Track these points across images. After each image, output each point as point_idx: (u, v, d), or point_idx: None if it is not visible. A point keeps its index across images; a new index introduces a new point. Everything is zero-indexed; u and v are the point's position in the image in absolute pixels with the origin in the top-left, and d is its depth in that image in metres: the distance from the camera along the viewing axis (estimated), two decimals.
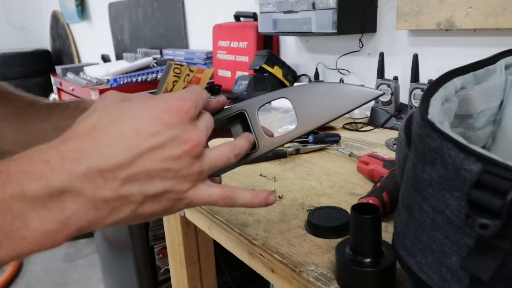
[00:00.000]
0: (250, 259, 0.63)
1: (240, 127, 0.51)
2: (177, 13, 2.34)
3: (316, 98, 0.48)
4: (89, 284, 2.29)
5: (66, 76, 2.34)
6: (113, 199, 0.33)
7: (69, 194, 0.31)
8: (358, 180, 0.76)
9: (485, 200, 0.27)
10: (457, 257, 0.31)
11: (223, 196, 0.40)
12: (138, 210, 0.35)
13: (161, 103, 0.36)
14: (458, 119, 0.48)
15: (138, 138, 0.33)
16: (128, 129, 0.33)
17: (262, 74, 1.47)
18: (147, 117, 0.34)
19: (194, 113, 0.37)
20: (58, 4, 3.88)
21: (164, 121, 0.35)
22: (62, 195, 0.31)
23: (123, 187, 0.33)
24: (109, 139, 0.33)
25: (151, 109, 0.35)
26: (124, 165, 0.33)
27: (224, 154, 0.40)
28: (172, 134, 0.35)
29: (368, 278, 0.45)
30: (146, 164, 0.34)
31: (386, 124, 1.12)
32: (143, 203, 0.35)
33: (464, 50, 1.08)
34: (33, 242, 0.30)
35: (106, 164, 0.32)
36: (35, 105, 0.62)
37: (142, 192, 0.34)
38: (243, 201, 0.41)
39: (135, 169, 0.33)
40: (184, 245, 0.94)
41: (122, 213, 0.34)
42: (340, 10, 1.18)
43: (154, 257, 1.44)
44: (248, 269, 0.67)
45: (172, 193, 0.36)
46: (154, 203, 0.35)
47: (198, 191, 0.38)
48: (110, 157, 0.32)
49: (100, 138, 0.33)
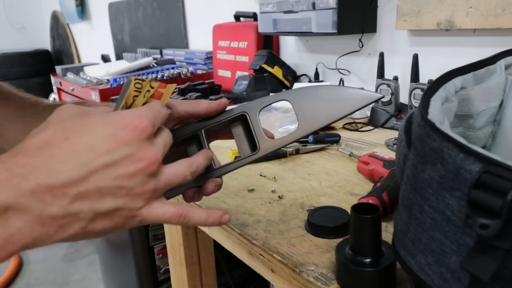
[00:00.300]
0: (250, 259, 0.63)
1: (241, 129, 0.51)
2: (177, 13, 2.34)
3: (316, 101, 0.48)
4: (89, 284, 2.29)
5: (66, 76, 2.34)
6: (61, 216, 0.32)
7: (14, 211, 0.30)
8: (358, 180, 0.76)
9: (485, 200, 0.27)
10: (457, 257, 0.31)
11: (176, 215, 0.39)
12: (88, 227, 0.34)
13: (117, 120, 0.35)
14: (458, 119, 0.48)
15: (92, 155, 0.33)
16: (82, 146, 0.33)
17: (262, 74, 1.47)
18: (102, 133, 0.34)
19: (151, 131, 0.36)
20: (58, 4, 3.88)
21: (119, 138, 0.34)
22: (7, 211, 0.30)
23: (73, 204, 0.32)
24: (61, 155, 0.32)
25: (107, 126, 0.34)
26: (75, 182, 0.32)
27: (180, 171, 0.39)
28: (126, 152, 0.34)
29: (368, 278, 0.45)
30: (98, 181, 0.33)
31: (386, 124, 1.12)
32: (93, 220, 0.34)
33: (464, 50, 1.08)
34: None
35: (56, 181, 0.31)
36: (38, 106, 0.62)
37: (93, 209, 0.33)
38: (196, 220, 0.41)
39: (86, 186, 0.33)
40: (184, 245, 0.94)
41: (71, 230, 0.33)
42: (340, 10, 1.18)
43: (154, 257, 1.44)
44: (248, 269, 0.67)
45: (125, 211, 0.35)
46: (105, 220, 0.35)
47: (152, 209, 0.37)
48: (61, 173, 0.32)
49: (53, 154, 0.32)
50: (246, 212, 0.66)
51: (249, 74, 1.52)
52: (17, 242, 0.31)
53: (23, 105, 0.62)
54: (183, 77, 1.90)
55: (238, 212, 0.66)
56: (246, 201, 0.70)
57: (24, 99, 0.64)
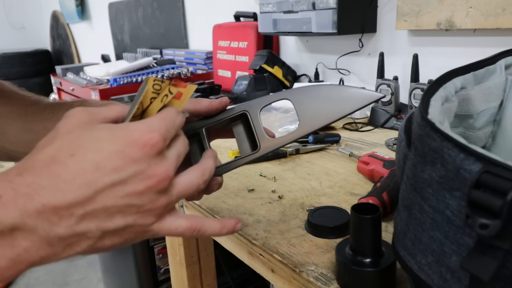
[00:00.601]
0: (250, 259, 0.63)
1: (242, 127, 0.51)
2: (177, 13, 2.34)
3: (317, 100, 0.48)
4: (89, 284, 2.29)
5: (66, 76, 2.34)
6: (68, 236, 0.32)
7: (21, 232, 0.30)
8: (358, 180, 0.76)
9: (485, 200, 0.27)
10: (457, 257, 0.31)
11: (190, 229, 0.38)
12: (96, 244, 0.33)
13: (125, 134, 0.33)
14: (458, 119, 0.48)
15: (98, 174, 0.32)
16: (87, 164, 0.32)
17: (262, 74, 1.47)
18: (109, 150, 0.32)
19: (162, 146, 0.34)
20: (58, 4, 3.88)
21: (127, 155, 0.32)
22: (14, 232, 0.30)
23: (80, 224, 0.32)
24: (67, 173, 0.31)
25: (115, 141, 0.33)
26: (81, 202, 0.31)
27: (193, 182, 0.38)
28: (135, 170, 0.33)
29: (368, 278, 0.45)
30: (106, 201, 0.32)
31: (386, 124, 1.12)
32: (102, 238, 0.33)
33: (464, 50, 1.08)
34: None
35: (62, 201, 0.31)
36: (39, 105, 0.62)
37: (101, 228, 0.33)
38: (211, 232, 0.40)
39: (93, 206, 0.32)
40: (184, 245, 0.94)
41: (79, 248, 0.33)
42: (340, 10, 1.18)
43: (154, 257, 1.44)
44: (248, 269, 0.67)
45: (135, 227, 0.35)
46: (115, 237, 0.34)
47: (164, 224, 0.36)
48: (67, 193, 0.31)
49: (58, 172, 0.31)
50: (246, 212, 0.66)
51: (249, 74, 1.52)
52: (25, 262, 0.31)
53: (24, 104, 0.62)
54: (183, 77, 1.90)
55: (238, 212, 0.66)
56: (246, 201, 0.70)
57: (26, 98, 0.64)
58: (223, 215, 0.66)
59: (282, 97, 0.50)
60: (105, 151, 0.32)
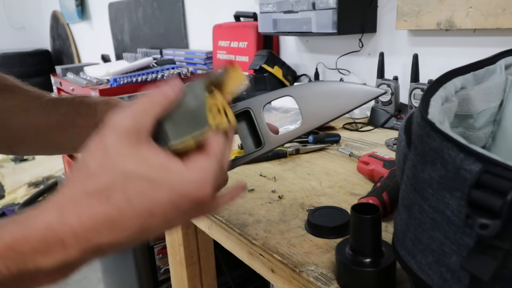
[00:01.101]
0: (250, 259, 0.63)
1: (245, 124, 0.51)
2: (177, 13, 2.34)
3: (320, 96, 0.49)
4: (89, 284, 2.29)
5: (66, 76, 2.34)
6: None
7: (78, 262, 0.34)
8: (358, 180, 0.76)
9: (485, 200, 0.27)
10: (457, 257, 0.31)
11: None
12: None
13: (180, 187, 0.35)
14: (458, 119, 0.48)
15: (151, 220, 0.35)
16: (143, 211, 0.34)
17: (262, 74, 1.47)
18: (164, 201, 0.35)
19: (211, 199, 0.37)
20: (58, 4, 3.88)
21: (180, 208, 0.35)
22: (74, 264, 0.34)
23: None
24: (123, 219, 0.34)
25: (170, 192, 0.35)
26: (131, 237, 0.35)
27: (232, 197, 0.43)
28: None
29: (368, 278, 0.45)
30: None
31: (386, 124, 1.12)
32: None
33: (464, 50, 1.08)
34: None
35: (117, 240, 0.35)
36: (41, 99, 0.63)
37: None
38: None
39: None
40: (184, 245, 0.94)
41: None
42: (340, 10, 1.18)
43: (154, 257, 1.44)
44: (248, 269, 0.67)
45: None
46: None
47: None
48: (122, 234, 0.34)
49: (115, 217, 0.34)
50: (246, 212, 0.66)
51: (249, 74, 1.52)
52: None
53: (27, 99, 0.63)
54: (183, 77, 1.90)
55: (238, 212, 0.66)
56: (246, 201, 0.70)
57: (29, 92, 0.65)
58: (223, 215, 0.66)
59: (284, 93, 0.50)
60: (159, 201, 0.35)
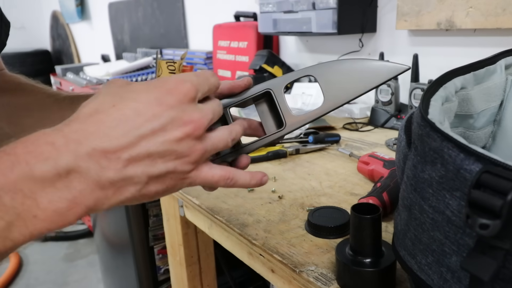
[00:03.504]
0: (250, 259, 0.63)
1: (266, 106, 0.50)
2: (177, 13, 2.34)
3: (342, 74, 0.47)
4: (89, 284, 2.29)
5: (66, 76, 2.34)
6: (118, 179, 0.34)
7: (75, 174, 0.32)
8: (358, 180, 0.76)
9: (485, 200, 0.27)
10: (457, 257, 0.31)
11: (224, 177, 0.41)
12: (142, 190, 0.36)
13: (161, 84, 0.37)
14: (458, 119, 0.48)
15: (139, 120, 0.34)
16: (129, 111, 0.34)
17: (262, 74, 1.47)
18: (148, 98, 0.35)
19: (194, 95, 0.37)
20: (58, 4, 3.88)
21: (163, 102, 0.35)
22: (69, 174, 0.32)
23: (127, 168, 0.34)
24: (111, 121, 0.34)
25: (151, 91, 0.36)
26: (126, 147, 0.34)
27: (223, 137, 0.41)
28: (172, 116, 0.35)
29: (368, 278, 0.45)
30: (149, 146, 0.35)
31: (386, 124, 1.12)
32: (147, 184, 0.36)
33: (464, 50, 1.08)
34: (45, 220, 0.31)
35: (109, 145, 0.33)
36: (57, 96, 0.64)
37: (146, 173, 0.35)
38: (242, 182, 0.43)
39: (137, 151, 0.34)
40: (184, 245, 0.94)
41: (128, 193, 0.35)
42: (340, 10, 1.18)
43: (154, 257, 1.44)
44: (248, 269, 0.67)
45: (175, 174, 0.37)
46: (158, 184, 0.36)
47: (201, 172, 0.39)
48: (112, 139, 0.33)
49: (102, 120, 0.34)
50: (246, 212, 0.66)
51: (249, 74, 1.52)
52: (81, 204, 0.32)
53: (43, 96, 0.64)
54: None
55: (238, 212, 0.66)
56: (246, 201, 0.70)
57: (44, 90, 0.66)
58: (223, 215, 0.66)
59: (305, 73, 0.49)
60: (144, 99, 0.35)
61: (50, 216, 0.31)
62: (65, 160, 0.31)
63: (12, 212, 0.30)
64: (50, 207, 0.31)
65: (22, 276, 2.37)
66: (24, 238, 0.30)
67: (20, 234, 0.30)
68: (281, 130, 0.48)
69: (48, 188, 0.31)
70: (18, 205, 0.30)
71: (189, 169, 0.38)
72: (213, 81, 0.41)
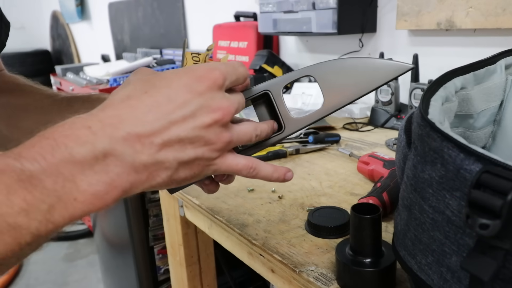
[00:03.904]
0: (250, 259, 0.63)
1: (264, 107, 0.49)
2: (177, 13, 2.34)
3: (342, 74, 0.45)
4: (89, 284, 2.29)
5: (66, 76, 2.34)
6: (151, 163, 0.35)
7: (112, 157, 0.33)
8: (358, 180, 0.76)
9: (485, 200, 0.27)
10: (457, 257, 0.31)
11: (247, 166, 0.42)
12: (173, 176, 0.37)
13: (190, 72, 0.37)
14: (458, 119, 0.48)
15: (170, 106, 0.35)
16: (160, 97, 0.35)
17: (262, 74, 1.47)
18: (178, 85, 0.36)
19: (222, 83, 0.38)
20: (58, 4, 3.88)
21: (194, 89, 0.36)
22: (107, 158, 0.32)
23: (159, 152, 0.35)
24: (143, 107, 0.35)
25: (181, 78, 0.37)
26: (159, 131, 0.34)
27: (248, 131, 0.41)
28: (201, 103, 0.36)
29: (368, 278, 0.45)
30: (179, 132, 0.35)
31: (386, 124, 1.12)
32: (177, 169, 0.37)
33: (464, 50, 1.08)
34: (85, 203, 0.32)
35: (143, 130, 0.34)
36: (55, 97, 0.64)
37: (177, 158, 0.36)
38: (264, 174, 0.43)
39: (169, 136, 0.35)
40: (184, 245, 0.94)
41: (159, 178, 0.36)
42: (340, 10, 1.18)
43: (154, 257, 1.44)
44: (248, 269, 0.67)
45: (202, 160, 0.38)
46: (186, 169, 0.37)
47: (226, 160, 0.40)
48: (146, 123, 0.34)
49: (135, 106, 0.35)
50: (246, 212, 0.66)
51: (249, 74, 1.52)
52: (118, 187, 0.33)
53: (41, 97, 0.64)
54: None
55: (238, 212, 0.66)
56: (246, 201, 0.70)
57: (42, 91, 0.66)
58: (223, 215, 0.66)
59: (304, 73, 0.47)
60: (174, 86, 0.36)
61: (89, 199, 0.32)
62: (102, 143, 0.32)
63: (53, 195, 0.30)
64: (89, 189, 0.32)
65: (22, 276, 2.37)
66: (64, 221, 0.31)
67: (60, 217, 0.31)
68: (280, 133, 0.47)
69: (87, 171, 0.32)
70: (59, 188, 0.30)
71: (215, 156, 0.38)
72: (241, 71, 0.41)
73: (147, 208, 1.39)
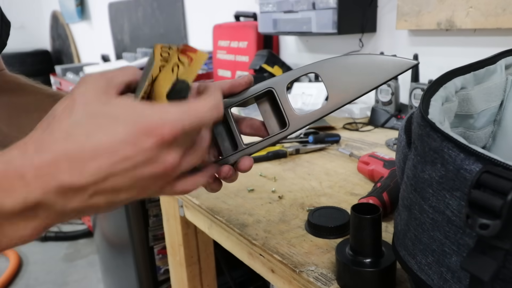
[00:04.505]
0: (250, 259, 0.63)
1: (268, 105, 0.48)
2: (177, 13, 2.34)
3: (346, 71, 0.45)
4: (89, 284, 2.29)
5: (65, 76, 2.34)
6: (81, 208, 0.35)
7: (43, 206, 0.33)
8: (358, 180, 0.76)
9: (485, 200, 0.27)
10: (457, 257, 0.31)
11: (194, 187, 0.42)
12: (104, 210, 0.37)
13: (140, 120, 0.34)
14: (458, 119, 0.47)
15: (113, 159, 0.34)
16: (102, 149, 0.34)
17: (262, 74, 1.47)
18: (123, 137, 0.34)
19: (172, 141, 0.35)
20: (58, 4, 3.88)
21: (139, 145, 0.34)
22: (37, 208, 0.33)
23: (91, 199, 0.35)
24: (83, 155, 0.33)
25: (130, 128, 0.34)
26: (95, 183, 0.34)
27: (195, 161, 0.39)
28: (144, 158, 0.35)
29: (368, 278, 0.44)
30: (117, 182, 0.35)
31: (386, 124, 1.12)
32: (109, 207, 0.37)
33: (464, 50, 1.08)
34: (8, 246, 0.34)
35: (78, 182, 0.33)
36: (56, 97, 0.64)
37: (109, 201, 0.36)
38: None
39: (104, 186, 0.34)
40: (184, 245, 0.94)
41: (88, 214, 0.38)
42: (340, 10, 1.18)
43: (154, 257, 1.44)
44: (248, 269, 0.67)
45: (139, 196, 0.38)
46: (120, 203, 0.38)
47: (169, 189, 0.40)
48: (84, 174, 0.33)
49: (75, 153, 0.33)
50: (246, 212, 0.66)
51: (249, 74, 1.51)
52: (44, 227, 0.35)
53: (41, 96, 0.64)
54: None
55: (238, 212, 0.66)
56: (246, 201, 0.70)
57: (42, 90, 0.65)
58: (223, 215, 0.66)
59: (308, 70, 0.47)
60: (119, 137, 0.34)
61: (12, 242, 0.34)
62: (34, 195, 0.32)
63: None
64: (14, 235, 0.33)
65: (22, 276, 2.37)
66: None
67: None
68: (285, 130, 0.46)
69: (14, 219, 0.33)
70: None
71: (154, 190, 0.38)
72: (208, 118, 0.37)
73: (147, 208, 1.39)
